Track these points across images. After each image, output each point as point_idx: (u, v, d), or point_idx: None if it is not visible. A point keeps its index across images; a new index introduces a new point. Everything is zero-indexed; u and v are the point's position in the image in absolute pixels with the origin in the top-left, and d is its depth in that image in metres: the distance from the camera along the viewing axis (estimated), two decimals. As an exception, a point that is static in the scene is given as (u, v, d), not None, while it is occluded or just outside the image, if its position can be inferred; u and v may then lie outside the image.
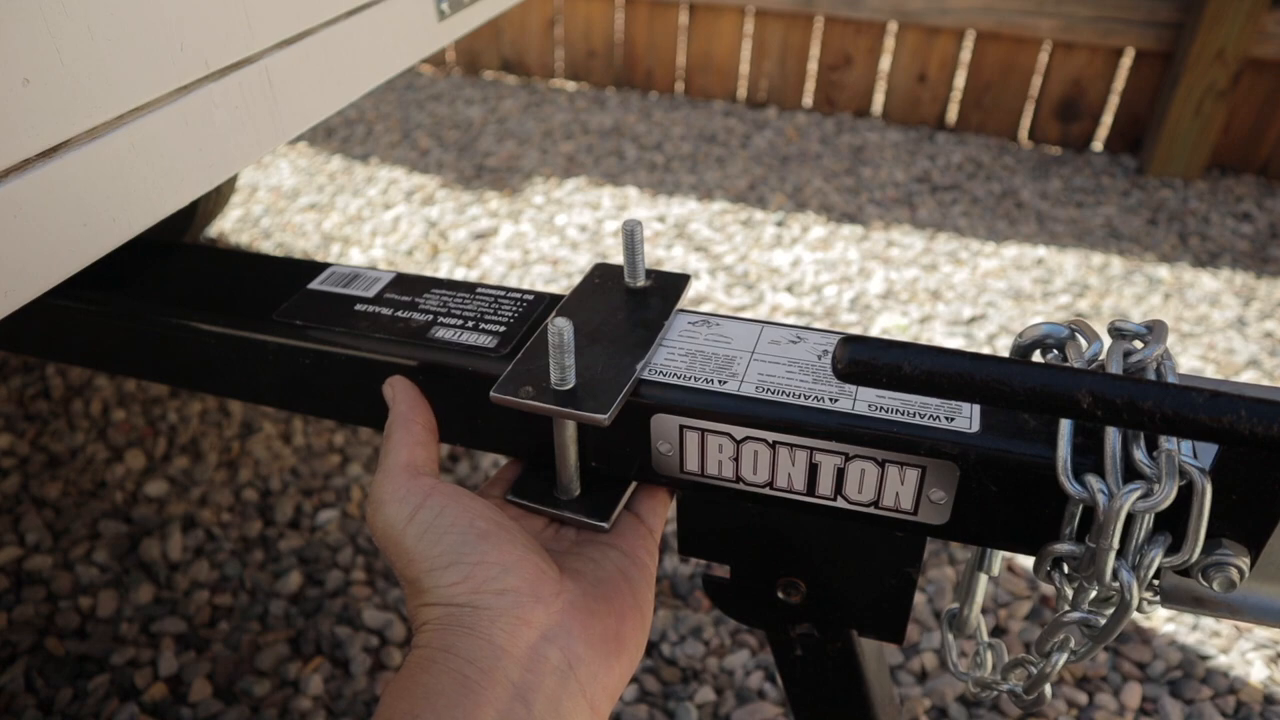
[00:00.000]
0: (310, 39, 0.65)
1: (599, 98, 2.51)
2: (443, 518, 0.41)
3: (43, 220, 0.46)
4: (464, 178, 2.09)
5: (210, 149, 0.56)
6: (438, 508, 0.42)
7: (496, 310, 0.52)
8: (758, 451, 0.42)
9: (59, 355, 0.62)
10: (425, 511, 0.42)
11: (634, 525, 0.49)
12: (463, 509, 0.42)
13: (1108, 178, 2.10)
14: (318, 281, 0.56)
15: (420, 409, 0.47)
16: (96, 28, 0.47)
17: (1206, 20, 1.90)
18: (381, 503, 0.43)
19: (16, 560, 1.14)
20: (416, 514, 0.42)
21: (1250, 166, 2.10)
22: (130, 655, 1.03)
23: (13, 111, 0.43)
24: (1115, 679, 1.02)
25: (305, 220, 1.93)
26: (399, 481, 0.43)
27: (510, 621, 0.39)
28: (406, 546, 0.41)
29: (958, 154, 2.20)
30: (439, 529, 0.41)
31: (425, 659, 0.38)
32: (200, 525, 1.20)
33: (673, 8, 2.38)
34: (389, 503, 0.43)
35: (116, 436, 1.34)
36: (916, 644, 1.06)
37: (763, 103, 2.44)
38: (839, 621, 0.50)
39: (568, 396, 0.42)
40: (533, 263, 1.77)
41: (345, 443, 1.34)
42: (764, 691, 1.01)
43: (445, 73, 2.69)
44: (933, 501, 0.41)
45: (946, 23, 2.15)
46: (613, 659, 0.41)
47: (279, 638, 1.05)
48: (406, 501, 0.42)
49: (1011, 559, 1.16)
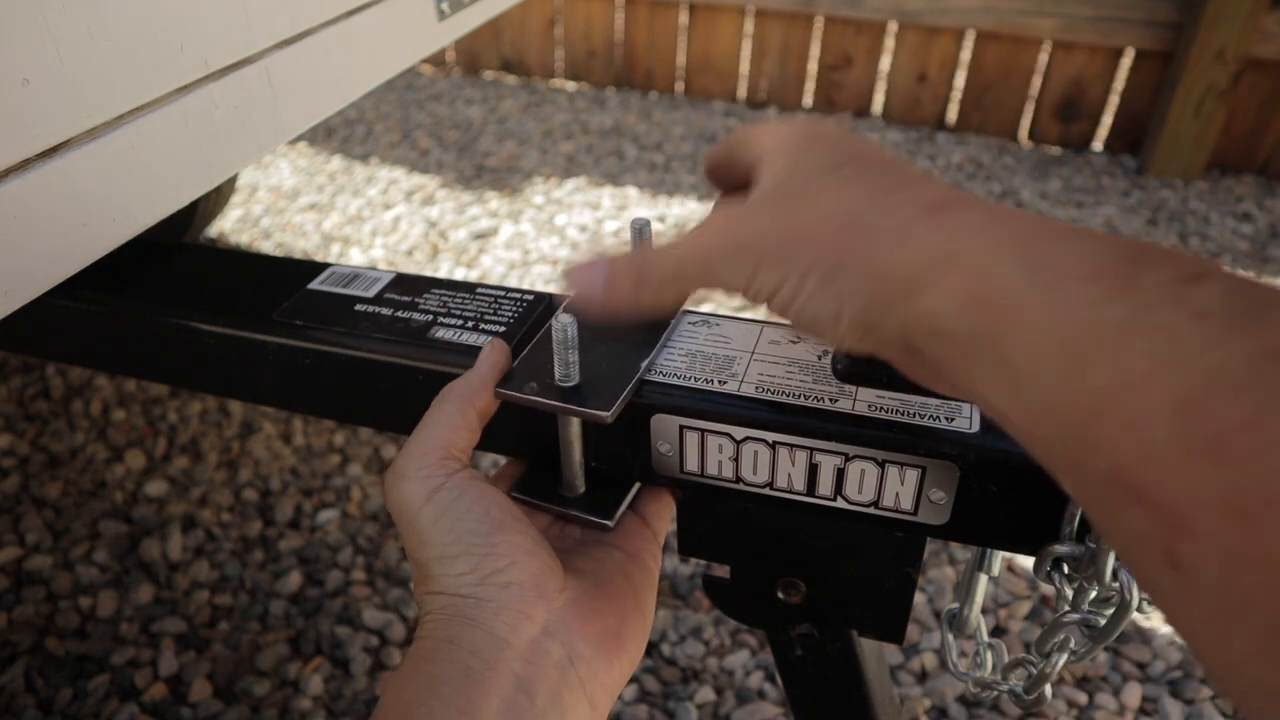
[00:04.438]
0: (310, 39, 0.65)
1: (599, 98, 2.51)
2: (460, 502, 0.41)
3: (43, 220, 0.46)
4: (464, 178, 2.09)
5: (210, 149, 0.56)
6: (456, 492, 0.41)
7: (496, 310, 0.52)
8: (758, 452, 0.42)
9: (59, 355, 0.62)
10: (444, 493, 0.41)
11: (639, 527, 0.49)
12: (480, 495, 0.42)
13: (1108, 178, 2.10)
14: (318, 281, 0.56)
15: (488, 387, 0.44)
16: (96, 28, 0.47)
17: (1206, 20, 1.90)
18: (404, 475, 0.42)
19: (16, 560, 1.14)
20: (435, 495, 0.41)
21: (1250, 166, 2.10)
22: (130, 655, 1.03)
23: (13, 111, 0.43)
24: (1115, 679, 1.02)
25: (305, 220, 1.93)
26: (428, 458, 0.42)
27: (513, 615, 0.39)
28: (421, 527, 0.41)
29: (958, 154, 2.20)
30: (455, 513, 0.41)
31: (429, 650, 0.38)
32: (200, 525, 1.20)
33: (673, 8, 2.38)
34: (411, 478, 0.42)
35: (116, 436, 1.34)
36: (916, 644, 1.06)
37: (763, 103, 2.44)
38: (839, 621, 0.50)
39: (572, 393, 0.42)
40: (533, 263, 1.77)
41: (345, 443, 1.34)
42: (764, 691, 1.01)
43: (445, 73, 2.69)
44: (933, 502, 0.41)
45: (946, 23, 2.15)
46: (613, 658, 0.41)
47: (279, 638, 1.05)
48: (429, 480, 0.41)
49: (1011, 559, 1.16)
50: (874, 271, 0.29)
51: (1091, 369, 0.23)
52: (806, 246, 0.31)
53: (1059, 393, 0.24)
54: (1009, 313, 0.25)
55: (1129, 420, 0.22)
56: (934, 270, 0.27)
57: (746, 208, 0.34)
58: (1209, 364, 0.21)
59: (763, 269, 0.32)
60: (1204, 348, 0.21)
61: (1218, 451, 0.20)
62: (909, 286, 0.28)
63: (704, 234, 0.35)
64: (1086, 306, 0.23)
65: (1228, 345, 0.21)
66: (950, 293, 0.27)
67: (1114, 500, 0.23)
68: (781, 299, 0.32)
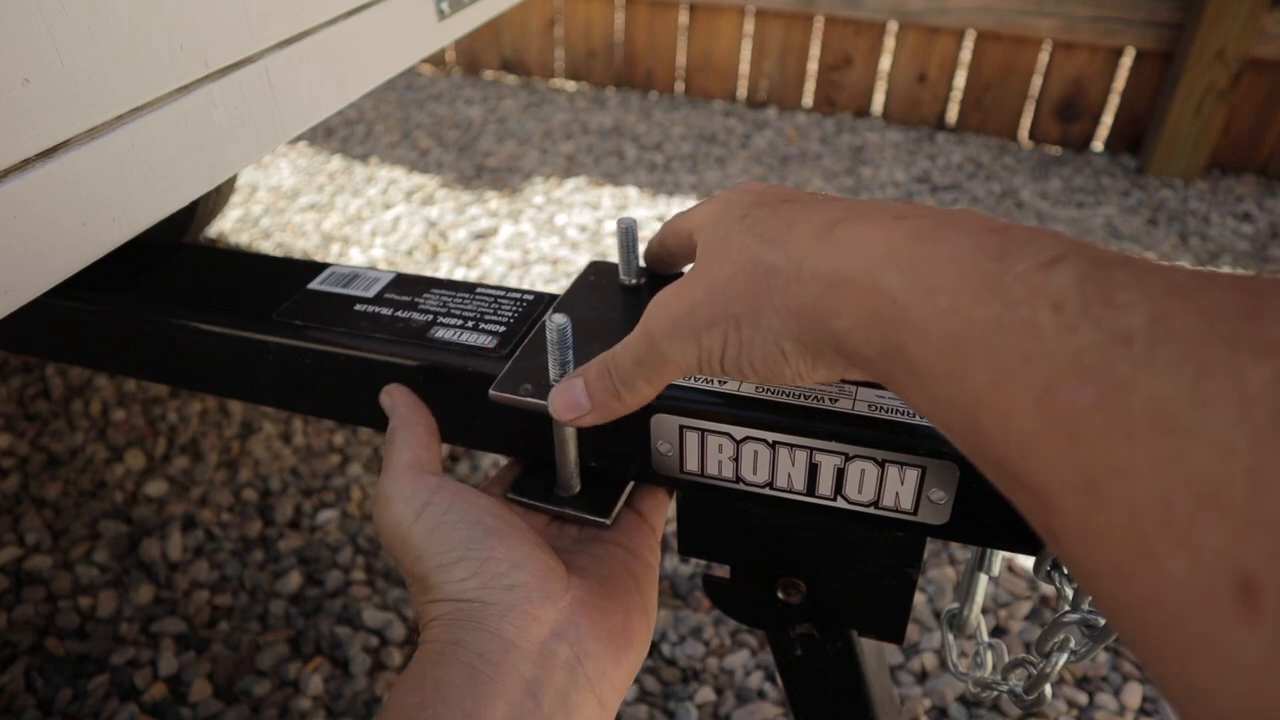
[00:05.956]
0: (310, 39, 0.65)
1: (599, 98, 2.51)
2: (450, 513, 0.42)
3: (43, 220, 0.46)
4: (464, 178, 2.09)
5: (210, 149, 0.56)
6: (445, 504, 0.42)
7: (496, 310, 0.52)
8: (758, 451, 0.42)
9: (59, 355, 0.62)
10: (433, 507, 0.42)
11: (636, 523, 0.49)
12: (469, 505, 0.42)
13: (1108, 178, 2.10)
14: (317, 281, 0.56)
15: (420, 412, 0.47)
16: (96, 28, 0.47)
17: (1206, 20, 1.90)
18: (389, 500, 0.43)
19: (16, 560, 1.14)
20: (424, 510, 0.42)
21: (1250, 166, 2.10)
22: (130, 655, 1.03)
23: (13, 111, 0.43)
24: (1115, 679, 1.02)
25: (305, 220, 1.93)
26: (405, 479, 0.44)
27: (519, 616, 0.39)
28: (415, 543, 0.41)
29: (958, 154, 2.20)
30: (447, 524, 0.41)
31: (434, 653, 0.38)
32: (200, 525, 1.20)
33: (673, 8, 2.38)
34: (396, 500, 0.43)
35: (116, 436, 1.34)
36: (916, 644, 1.06)
37: (763, 103, 2.44)
38: (839, 621, 0.49)
39: None
40: (533, 263, 1.77)
41: (345, 443, 1.34)
42: (764, 691, 1.01)
43: (445, 73, 2.69)
44: (933, 501, 0.41)
45: (946, 23, 2.15)
46: (620, 655, 0.41)
47: (279, 638, 1.05)
48: (414, 499, 0.42)
49: (1011, 559, 1.16)
50: (788, 308, 0.31)
51: (971, 370, 0.25)
52: (730, 301, 0.33)
53: (951, 392, 0.26)
54: (901, 324, 0.28)
55: (1003, 413, 0.24)
56: (834, 296, 0.30)
57: (678, 285, 0.37)
58: (1064, 353, 0.22)
59: (703, 335, 0.34)
60: (1059, 338, 0.23)
61: (1071, 434, 0.22)
62: (820, 314, 0.30)
63: (645, 323, 0.37)
64: (961, 310, 0.26)
65: (1080, 333, 0.22)
66: (853, 314, 0.29)
67: (1006, 485, 0.25)
68: (730, 356, 0.34)
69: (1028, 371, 0.23)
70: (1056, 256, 0.25)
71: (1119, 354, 0.21)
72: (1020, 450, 0.23)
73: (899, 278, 0.28)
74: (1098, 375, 0.21)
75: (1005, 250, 0.26)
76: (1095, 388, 0.21)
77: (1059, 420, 0.22)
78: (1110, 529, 0.20)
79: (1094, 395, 0.21)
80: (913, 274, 0.27)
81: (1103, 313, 0.22)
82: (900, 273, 0.28)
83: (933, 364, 0.26)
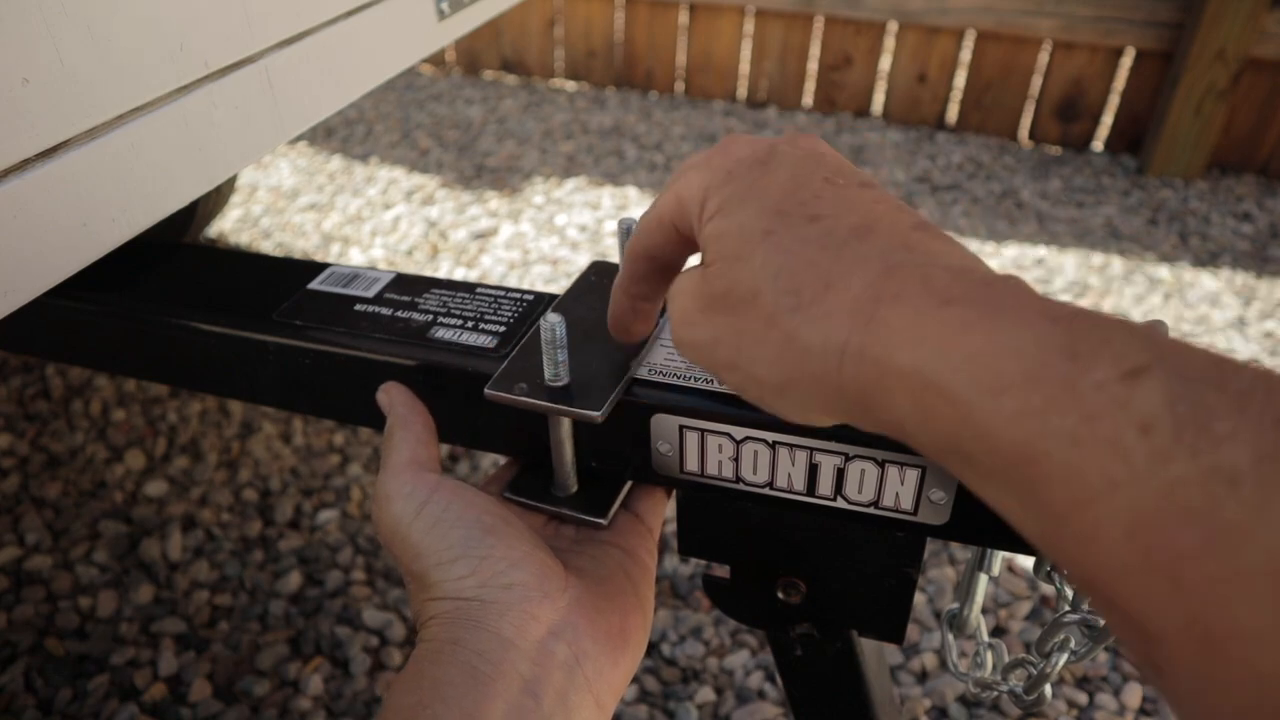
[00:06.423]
0: (310, 39, 0.65)
1: (599, 98, 2.51)
2: (449, 511, 0.42)
3: (43, 220, 0.46)
4: (464, 178, 2.09)
5: (210, 149, 0.56)
6: (444, 502, 0.42)
7: (496, 310, 0.52)
8: (757, 451, 0.42)
9: (59, 355, 0.62)
10: (432, 505, 0.42)
11: (633, 524, 0.49)
12: (468, 503, 0.42)
13: (1108, 178, 2.10)
14: (317, 281, 0.56)
15: (417, 410, 0.47)
16: (96, 28, 0.47)
17: (1206, 20, 1.90)
18: (388, 498, 0.43)
19: (16, 560, 1.14)
20: (424, 508, 0.42)
21: (1250, 166, 2.10)
22: (130, 655, 1.03)
23: (12, 111, 0.43)
24: (1115, 679, 1.02)
25: (305, 220, 1.93)
26: (404, 477, 0.44)
27: (518, 616, 0.39)
28: (414, 541, 0.41)
29: (958, 154, 2.20)
30: (446, 522, 0.41)
31: (433, 652, 0.38)
32: (200, 525, 1.20)
33: (673, 8, 2.38)
34: (395, 498, 0.43)
35: (116, 436, 1.34)
36: (916, 644, 1.06)
37: (763, 103, 2.44)
38: (839, 621, 0.49)
39: (561, 393, 0.42)
40: (533, 263, 1.77)
41: (345, 443, 1.34)
42: (764, 691, 1.01)
43: (445, 73, 2.69)
44: (933, 501, 0.41)
45: (946, 23, 2.15)
46: (618, 655, 0.41)
47: (279, 638, 1.05)
48: (413, 497, 0.42)
49: (1011, 559, 1.16)
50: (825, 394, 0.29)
51: (1046, 485, 0.23)
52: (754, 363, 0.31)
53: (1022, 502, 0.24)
54: (961, 423, 0.25)
55: (1088, 536, 0.22)
56: (882, 389, 0.27)
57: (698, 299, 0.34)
58: (1158, 485, 0.20)
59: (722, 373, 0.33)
60: (1151, 465, 0.21)
61: (1175, 579, 0.20)
62: (865, 404, 0.28)
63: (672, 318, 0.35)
64: (1033, 417, 0.23)
65: (1175, 463, 0.20)
66: (904, 409, 0.27)
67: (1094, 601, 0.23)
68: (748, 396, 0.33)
69: (1114, 498, 0.21)
70: (1140, 367, 0.22)
71: (1224, 495, 0.19)
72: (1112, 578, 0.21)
73: (958, 374, 0.25)
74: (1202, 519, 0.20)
75: (1075, 349, 0.23)
76: (1199, 532, 0.19)
77: (1158, 562, 0.20)
78: (1236, 687, 0.19)
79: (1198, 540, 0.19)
80: (971, 371, 0.25)
81: (1199, 442, 0.20)
82: (957, 369, 0.25)
83: (1000, 471, 0.24)
